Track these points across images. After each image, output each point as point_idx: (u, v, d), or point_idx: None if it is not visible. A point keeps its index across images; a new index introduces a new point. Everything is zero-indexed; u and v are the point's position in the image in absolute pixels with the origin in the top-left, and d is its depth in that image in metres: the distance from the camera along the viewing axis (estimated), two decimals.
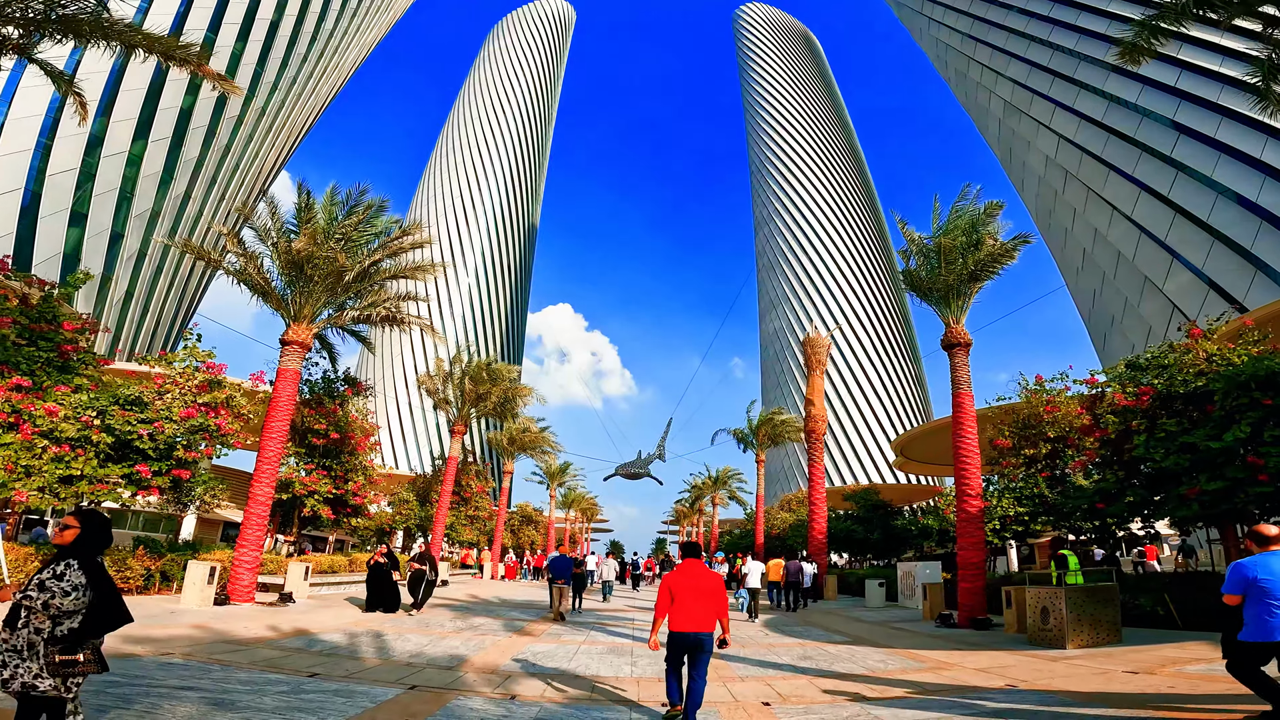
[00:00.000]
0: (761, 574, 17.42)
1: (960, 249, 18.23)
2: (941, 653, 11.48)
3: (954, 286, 18.34)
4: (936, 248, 18.58)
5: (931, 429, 30.12)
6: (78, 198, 44.47)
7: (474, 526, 35.96)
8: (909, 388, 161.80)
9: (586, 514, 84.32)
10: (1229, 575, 5.81)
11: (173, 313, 59.82)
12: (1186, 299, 42.73)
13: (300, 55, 65.63)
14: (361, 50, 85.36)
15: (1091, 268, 56.45)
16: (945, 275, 18.34)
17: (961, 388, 17.26)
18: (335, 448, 21.63)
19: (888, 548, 33.70)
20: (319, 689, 7.37)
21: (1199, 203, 42.95)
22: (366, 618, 14.00)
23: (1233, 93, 42.07)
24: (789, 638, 14.03)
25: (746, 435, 43.75)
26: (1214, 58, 44.97)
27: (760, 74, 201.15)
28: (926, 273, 19.30)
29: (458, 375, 30.06)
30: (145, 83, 48.28)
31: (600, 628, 15.10)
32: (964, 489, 16.12)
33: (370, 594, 15.59)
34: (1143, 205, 47.96)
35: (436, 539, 27.57)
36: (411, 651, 10.41)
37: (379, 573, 15.51)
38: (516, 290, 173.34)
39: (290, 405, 17.10)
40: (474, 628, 13.90)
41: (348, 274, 18.35)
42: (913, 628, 15.76)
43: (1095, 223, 54.21)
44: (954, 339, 17.90)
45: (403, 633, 12.36)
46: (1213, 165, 42.66)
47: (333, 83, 79.58)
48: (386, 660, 9.56)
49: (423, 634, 12.40)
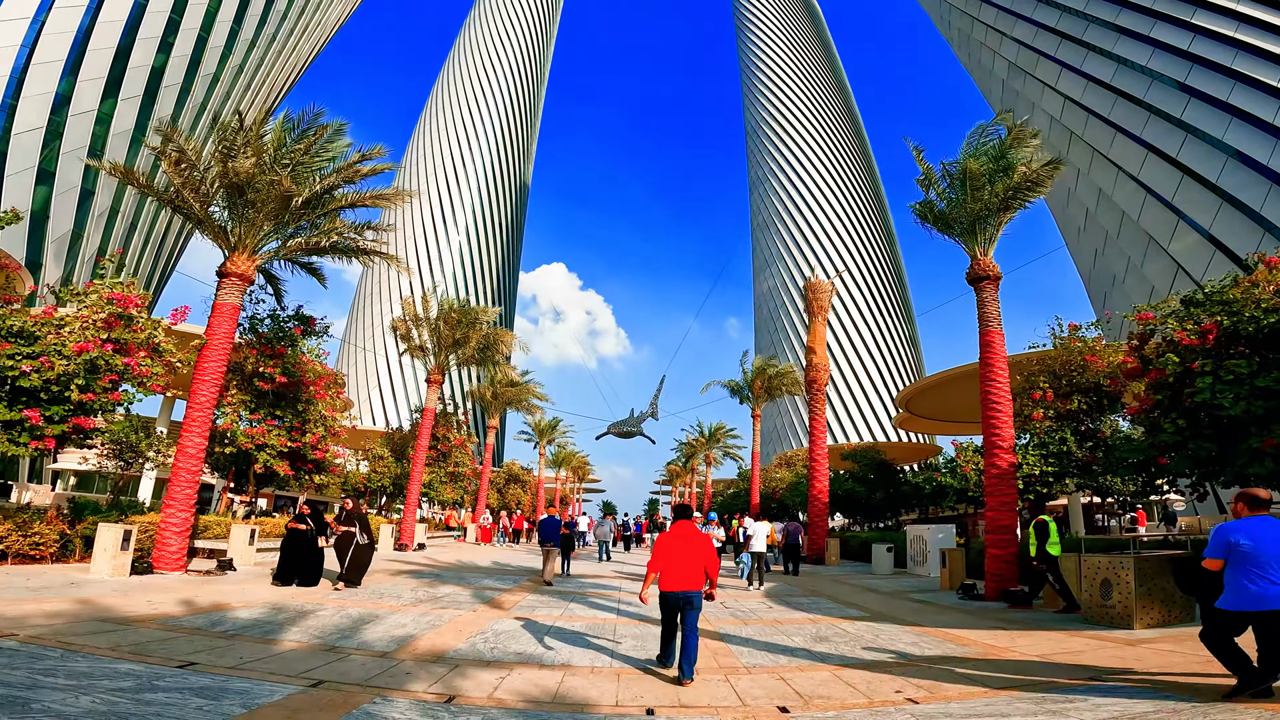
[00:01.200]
0: (766, 536, 15.60)
1: (988, 175, 16.18)
2: (983, 632, 9.65)
3: (981, 216, 16.33)
4: (962, 173, 16.45)
5: (941, 380, 28.20)
6: (45, 155, 42.57)
7: (455, 485, 34.10)
8: (904, 349, 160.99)
9: (578, 473, 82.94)
10: (1211, 538, 5.63)
11: (148, 271, 57.33)
12: (1193, 259, 42.64)
13: (280, 11, 62.69)
14: (346, 6, 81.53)
15: (1094, 228, 56.23)
16: (971, 204, 16.27)
17: (991, 324, 15.25)
18: (289, 395, 19.53)
19: (890, 509, 32.16)
20: (178, 685, 5.38)
21: (1208, 165, 42.63)
22: (304, 591, 11.94)
23: (1247, 58, 42.18)
24: (797, 612, 12.21)
25: (741, 387, 41.86)
26: (1229, 23, 44.61)
27: (757, 33, 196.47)
28: (949, 202, 17.23)
29: (433, 319, 27.82)
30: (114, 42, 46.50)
31: (582, 598, 13.25)
32: (994, 441, 14.20)
33: (282, 562, 12.56)
34: (1150, 166, 47.59)
35: (412, 498, 25.69)
36: (342, 631, 8.47)
37: (295, 537, 12.59)
38: (508, 248, 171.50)
39: (226, 344, 14.95)
40: (435, 599, 12.01)
41: (296, 199, 16.06)
42: (934, 599, 13.99)
43: (1100, 183, 53.75)
44: (981, 271, 15.87)
45: (345, 607, 10.43)
46: (1224, 128, 42.34)
47: (315, 40, 76.16)
48: (305, 643, 7.59)
49: (369, 607, 10.48)
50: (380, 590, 12.73)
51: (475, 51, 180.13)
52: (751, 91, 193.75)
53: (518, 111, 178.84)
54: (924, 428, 43.64)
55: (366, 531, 12.76)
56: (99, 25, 45.81)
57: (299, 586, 12.28)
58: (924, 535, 19.67)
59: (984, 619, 11.07)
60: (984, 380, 14.72)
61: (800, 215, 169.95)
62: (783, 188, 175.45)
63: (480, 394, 39.79)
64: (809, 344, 29.08)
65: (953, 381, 28.26)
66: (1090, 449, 19.05)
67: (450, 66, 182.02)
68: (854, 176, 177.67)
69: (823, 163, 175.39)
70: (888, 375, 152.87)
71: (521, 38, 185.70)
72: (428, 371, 27.92)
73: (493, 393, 39.36)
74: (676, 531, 6.73)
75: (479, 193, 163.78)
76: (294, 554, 12.51)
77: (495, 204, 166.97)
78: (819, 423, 27.70)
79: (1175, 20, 47.72)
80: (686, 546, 6.57)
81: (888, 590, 15.84)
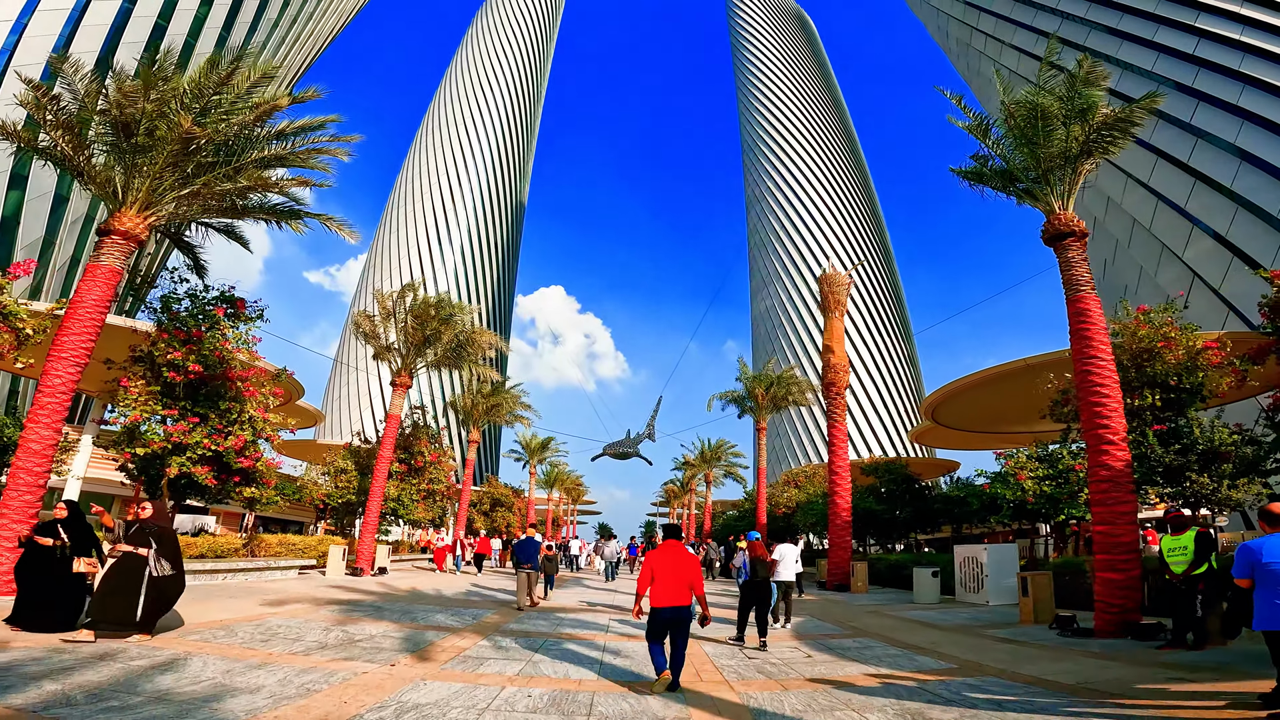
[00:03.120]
0: (796, 562, 12.20)
1: (1061, 117, 13.21)
2: (1177, 701, 6.24)
3: (1056, 163, 13.35)
4: (1030, 112, 13.43)
5: (976, 381, 24.95)
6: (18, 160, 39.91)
7: (431, 504, 30.49)
8: (904, 368, 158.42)
9: (571, 494, 79.05)
10: (1236, 557, 5.50)
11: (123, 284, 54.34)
12: (1208, 265, 41.11)
13: (271, 20, 60.83)
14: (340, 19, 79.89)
15: (1103, 237, 54.68)
16: (1045, 148, 13.27)
17: (1081, 288, 12.04)
18: (210, 390, 16.15)
19: (916, 528, 28.69)
20: None
21: (1221, 169, 41.32)
22: (43, 639, 7.50)
23: (1255, 60, 41.31)
24: (848, 663, 8.78)
25: (741, 398, 38.54)
26: (1234, 26, 43.83)
27: (753, 52, 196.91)
28: (1012, 150, 14.23)
29: (402, 315, 24.50)
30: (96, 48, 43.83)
31: (555, 644, 9.79)
32: (1101, 435, 10.88)
33: (21, 594, 8.04)
34: (1160, 172, 46.19)
35: (370, 516, 22.15)
36: (136, 693, 5.03)
37: (36, 555, 8.13)
38: (504, 267, 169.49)
39: (97, 314, 11.66)
40: (346, 644, 8.56)
41: (198, 142, 12.92)
42: (1022, 636, 10.55)
43: (1108, 191, 52.02)
44: (1064, 226, 12.73)
45: (191, 654, 7.00)
46: (1235, 132, 41.09)
47: (308, 52, 74.19)
48: None
49: (225, 657, 7.02)
50: (273, 629, 9.28)
51: (472, 70, 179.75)
52: (748, 109, 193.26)
53: (514, 130, 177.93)
54: (947, 441, 40.30)
55: (170, 554, 8.18)
56: (82, 29, 43.56)
57: (39, 633, 7.70)
58: (977, 556, 16.22)
59: (1129, 665, 7.68)
60: (1081, 359, 11.47)
61: (797, 232, 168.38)
62: (779, 205, 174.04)
63: (460, 404, 36.36)
64: (825, 342, 25.82)
65: (992, 382, 25.02)
66: (1179, 450, 15.73)
67: (447, 84, 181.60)
68: (851, 193, 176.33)
69: (819, 180, 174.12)
70: (888, 396, 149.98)
71: (518, 58, 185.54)
72: (393, 374, 24.55)
73: (473, 402, 35.94)
74: (665, 550, 7.02)
75: (475, 211, 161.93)
76: (36, 580, 8.01)
77: (491, 223, 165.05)
78: (839, 431, 24.28)
79: (1178, 24, 46.98)
80: (674, 564, 6.83)
81: (950, 625, 12.38)
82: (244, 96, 13.99)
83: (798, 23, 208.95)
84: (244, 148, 14.28)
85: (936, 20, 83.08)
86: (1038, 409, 25.23)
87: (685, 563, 6.85)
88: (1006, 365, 23.21)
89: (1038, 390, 21.49)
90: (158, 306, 16.61)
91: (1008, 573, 15.91)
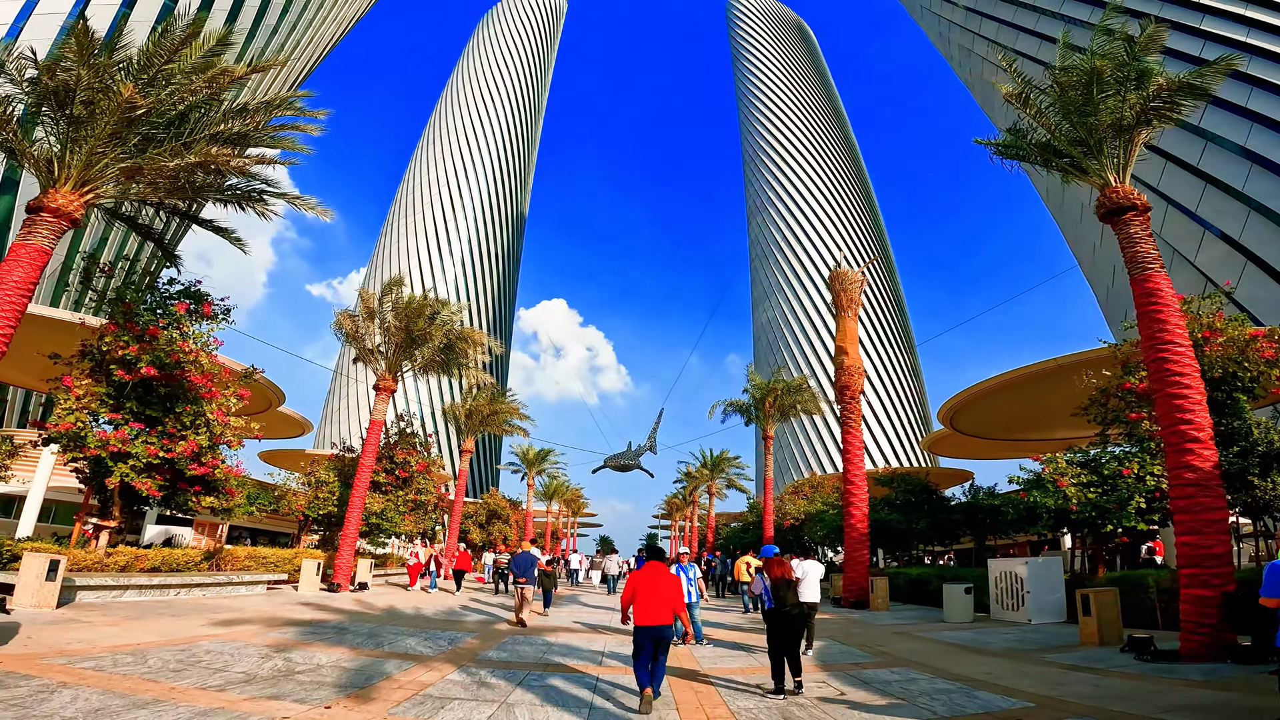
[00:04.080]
0: (819, 580, 10.60)
1: (1115, 82, 11.91)
2: None
3: (1109, 133, 12.05)
4: (1085, 74, 12.14)
5: (1001, 384, 23.37)
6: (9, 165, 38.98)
7: (420, 516, 28.86)
8: (907, 379, 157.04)
9: (571, 507, 77.03)
10: (1266, 577, 5.21)
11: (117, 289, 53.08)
12: (1221, 270, 39.45)
13: (269, 26, 59.89)
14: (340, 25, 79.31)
15: (1112, 243, 52.34)
16: (1100, 117, 11.95)
17: (1150, 266, 10.60)
18: (167, 392, 14.64)
19: (934, 540, 27.03)
20: None
21: (1232, 172, 40.05)
22: None
23: (1261, 62, 40.26)
24: (891, 701, 7.20)
25: (748, 406, 36.97)
26: (1239, 28, 43.06)
27: (753, 63, 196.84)
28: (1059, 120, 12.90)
29: (389, 313, 22.98)
30: None
31: (538, 677, 8.22)
32: (1183, 430, 9.35)
33: None
34: (1169, 176, 44.77)
35: (349, 528, 20.52)
36: None
37: None
38: (505, 279, 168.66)
39: (19, 298, 10.20)
40: (280, 677, 6.97)
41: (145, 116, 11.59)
42: (1100, 662, 8.94)
43: None
44: (1122, 200, 11.38)
45: (67, 684, 5.43)
46: (1245, 134, 39.83)
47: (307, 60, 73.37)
48: None
49: (113, 691, 5.46)
50: (196, 656, 7.71)
51: (474, 81, 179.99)
52: (748, 120, 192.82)
53: (516, 141, 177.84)
54: (961, 450, 38.69)
55: None
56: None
57: None
58: (1017, 571, 14.58)
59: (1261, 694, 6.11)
60: (1154, 345, 9.98)
61: (799, 243, 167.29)
62: (781, 216, 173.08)
63: (453, 412, 34.79)
64: (838, 343, 24.25)
65: (1010, 387, 23.48)
66: (1238, 453, 14.15)
67: (448, 96, 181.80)
68: (852, 204, 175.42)
69: (821, 191, 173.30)
70: (892, 409, 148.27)
71: (519, 69, 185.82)
72: (377, 377, 23.02)
73: (468, 411, 34.38)
74: (647, 571, 7.22)
75: (476, 222, 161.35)
76: None
77: (492, 233, 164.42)
78: (854, 438, 22.67)
79: (1183, 27, 45.77)
80: (656, 584, 7.02)
81: (999, 649, 10.75)
82: (198, 67, 12.68)
83: (798, 33, 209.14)
84: (200, 123, 12.93)
85: (938, 27, 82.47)
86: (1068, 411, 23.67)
87: (667, 583, 7.06)
88: (1035, 366, 21.69)
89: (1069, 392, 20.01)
90: (113, 296, 15.15)
91: (1050, 589, 14.29)
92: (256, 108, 13.95)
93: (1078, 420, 19.57)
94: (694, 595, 11.66)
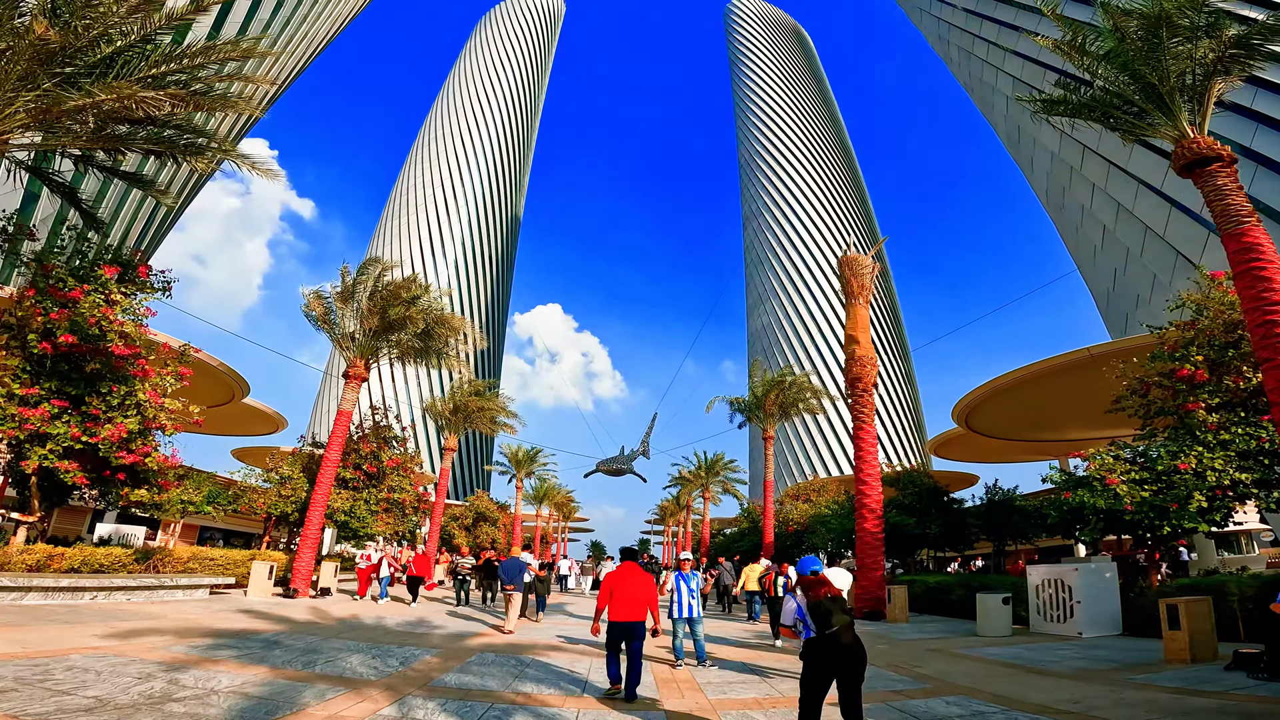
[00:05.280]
0: (850, 587, 8.78)
1: (1187, 30, 10.31)
2: None
3: (1177, 85, 10.43)
4: (1154, 16, 10.52)
5: (1022, 377, 21.65)
6: None
7: (395, 517, 26.85)
8: (902, 386, 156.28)
9: (562, 511, 74.91)
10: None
11: None
12: None
13: (263, 20, 58.70)
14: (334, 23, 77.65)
15: (1113, 246, 52.16)
16: (1172, 64, 10.33)
17: (1244, 220, 9.18)
18: (92, 368, 12.70)
19: (947, 544, 25.25)
20: None
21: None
22: None
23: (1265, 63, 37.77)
24: None
25: (748, 405, 35.21)
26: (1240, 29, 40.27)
27: (750, 68, 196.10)
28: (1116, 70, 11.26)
29: (363, 296, 21.05)
30: None
31: (498, 713, 6.34)
32: None
33: None
34: (1174, 177, 42.53)
35: (310, 528, 18.55)
36: None
37: None
38: (499, 283, 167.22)
39: None
40: (148, 704, 5.08)
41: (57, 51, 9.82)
42: (1209, 684, 7.16)
43: (1119, 197, 49.27)
44: (1205, 150, 9.66)
45: None
46: (1250, 135, 37.93)
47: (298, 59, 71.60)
48: None
49: None
50: (49, 672, 5.78)
51: (469, 84, 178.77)
52: (745, 125, 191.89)
53: (511, 144, 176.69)
54: (968, 452, 37.01)
55: None
56: None
57: None
58: (1064, 578, 12.78)
59: None
60: (1256, 307, 8.55)
61: (794, 248, 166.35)
62: (776, 222, 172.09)
63: (435, 408, 32.84)
64: (849, 332, 22.47)
65: (1032, 382, 21.75)
66: None
67: (444, 99, 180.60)
68: (848, 211, 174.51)
69: (816, 196, 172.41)
70: (887, 416, 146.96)
71: (515, 73, 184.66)
72: (347, 364, 21.12)
73: (451, 406, 32.45)
74: (622, 571, 7.53)
75: (470, 224, 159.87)
76: None
77: (486, 236, 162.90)
78: (867, 432, 20.82)
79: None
80: (631, 583, 7.38)
81: (1067, 670, 8.93)
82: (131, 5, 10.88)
83: (795, 39, 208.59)
84: (130, 66, 11.15)
85: (937, 29, 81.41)
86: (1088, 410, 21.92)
87: (641, 582, 7.41)
88: (1064, 356, 19.95)
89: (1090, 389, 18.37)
90: (32, 256, 13.24)
91: (1104, 598, 12.50)
92: (196, 52, 12.13)
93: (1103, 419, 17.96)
94: (695, 609, 9.74)
